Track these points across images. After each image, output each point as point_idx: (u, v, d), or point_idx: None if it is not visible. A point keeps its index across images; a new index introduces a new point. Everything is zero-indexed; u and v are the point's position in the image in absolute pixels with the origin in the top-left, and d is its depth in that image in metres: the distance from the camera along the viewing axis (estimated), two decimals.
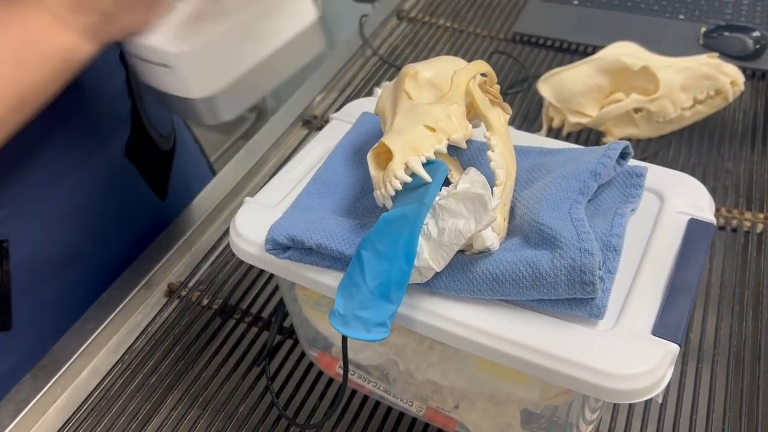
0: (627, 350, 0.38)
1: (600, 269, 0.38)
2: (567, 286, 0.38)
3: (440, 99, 0.45)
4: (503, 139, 0.44)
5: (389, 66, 0.89)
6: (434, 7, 1.02)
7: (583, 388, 0.37)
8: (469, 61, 0.46)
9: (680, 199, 0.47)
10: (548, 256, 0.38)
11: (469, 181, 0.39)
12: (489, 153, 0.43)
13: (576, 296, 0.38)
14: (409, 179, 0.40)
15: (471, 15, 1.00)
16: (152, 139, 0.69)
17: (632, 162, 0.48)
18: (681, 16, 0.94)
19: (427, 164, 0.41)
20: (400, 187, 0.40)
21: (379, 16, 0.99)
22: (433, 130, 0.42)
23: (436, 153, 0.42)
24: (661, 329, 0.39)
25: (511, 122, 0.80)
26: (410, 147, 0.41)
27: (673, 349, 0.38)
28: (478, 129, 0.48)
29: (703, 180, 0.72)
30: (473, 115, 0.46)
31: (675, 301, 0.40)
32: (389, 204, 0.41)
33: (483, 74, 0.46)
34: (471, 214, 0.38)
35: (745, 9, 0.94)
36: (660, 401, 0.40)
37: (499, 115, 0.45)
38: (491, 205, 0.38)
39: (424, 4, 1.03)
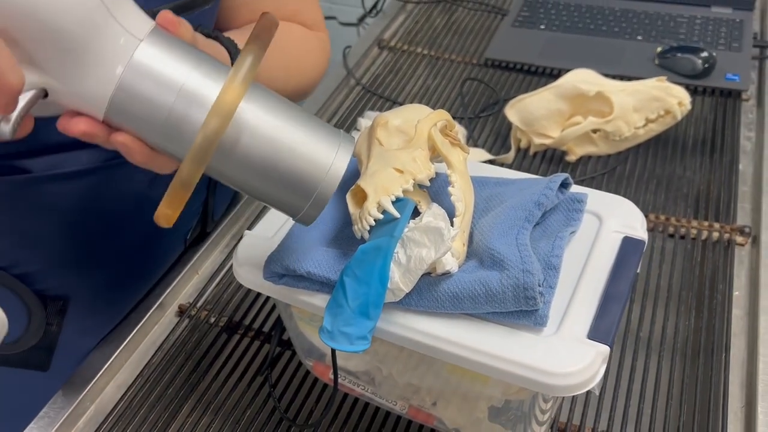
0: (566, 352, 0.46)
1: (540, 286, 0.46)
2: (514, 301, 0.46)
3: (407, 143, 0.52)
4: (462, 176, 0.52)
5: (372, 95, 0.97)
6: (412, 35, 1.10)
7: (530, 385, 0.45)
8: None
9: (616, 219, 0.54)
10: (498, 276, 0.46)
11: (432, 215, 0.47)
12: (450, 188, 0.51)
13: (522, 309, 0.46)
14: (381, 216, 0.48)
15: (447, 42, 1.08)
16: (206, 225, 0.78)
17: (575, 189, 0.56)
18: (639, 37, 1.02)
19: (397, 202, 0.49)
20: (374, 223, 0.48)
21: (362, 46, 1.07)
22: (401, 172, 0.50)
23: (404, 191, 0.50)
24: (595, 333, 0.47)
25: (484, 143, 0.88)
26: (382, 188, 0.49)
27: (605, 350, 0.46)
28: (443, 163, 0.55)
29: (656, 191, 0.81)
30: (436, 154, 0.54)
31: (607, 309, 0.48)
32: (366, 236, 0.49)
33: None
34: (432, 244, 0.46)
35: (697, 29, 1.02)
36: (597, 393, 0.47)
37: (458, 155, 0.53)
38: (448, 236, 0.46)
39: (403, 33, 1.11)
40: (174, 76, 0.39)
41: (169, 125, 0.40)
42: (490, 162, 0.84)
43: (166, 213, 0.39)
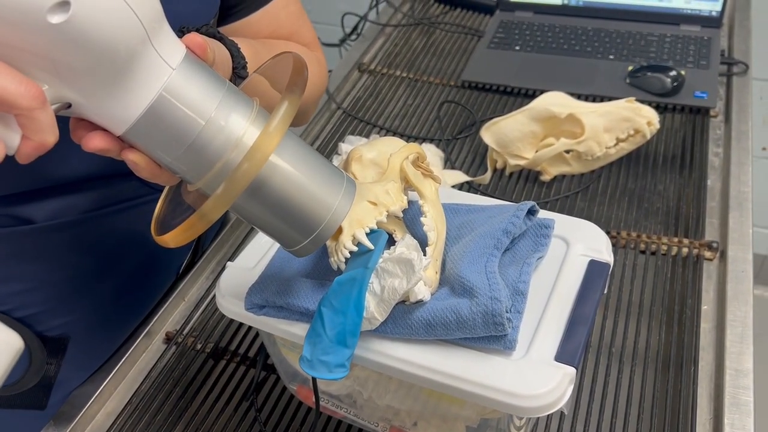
0: (534, 375, 0.48)
1: (508, 312, 0.48)
2: (483, 327, 0.48)
3: (381, 175, 0.55)
4: (434, 205, 0.55)
5: (353, 118, 0.99)
6: (392, 58, 1.12)
7: (500, 407, 0.48)
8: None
9: (582, 243, 0.57)
10: (468, 304, 0.48)
11: (404, 245, 0.50)
12: (422, 219, 0.53)
13: (491, 334, 0.48)
14: (356, 248, 0.50)
15: (425, 65, 1.10)
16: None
17: (544, 214, 0.58)
18: (611, 56, 1.05)
19: (371, 233, 0.51)
20: (349, 255, 0.50)
21: (342, 70, 1.09)
22: (375, 204, 0.52)
23: (378, 223, 0.52)
24: (562, 355, 0.49)
25: (461, 165, 0.91)
26: (356, 221, 0.51)
27: (571, 371, 0.48)
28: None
29: (628, 208, 0.83)
30: (409, 185, 0.57)
31: (574, 331, 0.50)
32: (343, 267, 0.51)
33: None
34: (404, 275, 0.48)
35: (667, 47, 1.05)
36: (566, 413, 0.50)
37: (430, 185, 0.56)
38: (419, 267, 0.48)
39: (383, 56, 1.13)
40: (201, 109, 0.40)
41: (188, 154, 0.40)
42: (468, 183, 0.87)
43: (177, 239, 0.40)
